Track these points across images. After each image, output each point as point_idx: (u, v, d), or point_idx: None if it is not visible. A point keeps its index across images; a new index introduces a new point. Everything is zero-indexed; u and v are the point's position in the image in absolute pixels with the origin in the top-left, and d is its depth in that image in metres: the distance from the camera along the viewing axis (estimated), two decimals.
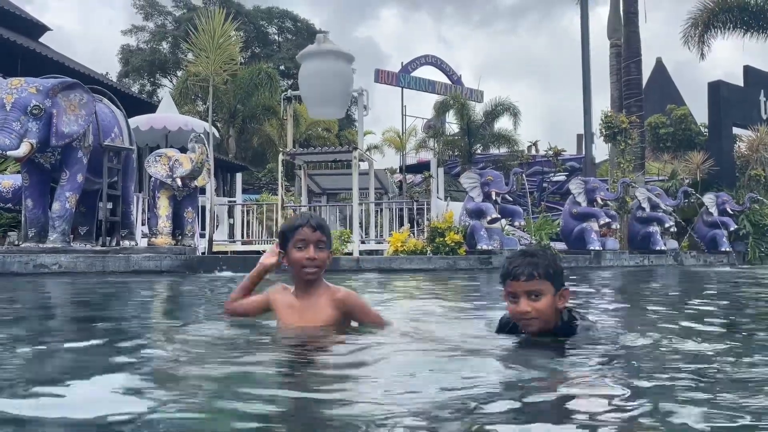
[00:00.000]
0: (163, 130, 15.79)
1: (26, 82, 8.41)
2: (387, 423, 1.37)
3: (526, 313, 2.29)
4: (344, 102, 15.20)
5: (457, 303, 5.12)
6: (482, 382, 1.78)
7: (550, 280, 2.29)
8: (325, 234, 2.52)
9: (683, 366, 2.10)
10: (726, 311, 4.31)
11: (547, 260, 2.34)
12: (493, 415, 1.44)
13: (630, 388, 1.69)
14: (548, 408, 1.54)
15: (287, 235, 2.56)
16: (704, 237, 16.49)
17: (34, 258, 8.17)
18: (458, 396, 1.61)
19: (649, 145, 25.03)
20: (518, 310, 2.31)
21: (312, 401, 1.61)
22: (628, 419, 1.43)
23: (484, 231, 12.02)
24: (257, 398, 1.61)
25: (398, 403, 1.55)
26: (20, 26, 20.44)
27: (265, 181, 29.25)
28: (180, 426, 1.39)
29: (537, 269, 2.28)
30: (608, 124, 16.51)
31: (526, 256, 2.36)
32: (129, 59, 42.78)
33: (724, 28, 22.40)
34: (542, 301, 2.28)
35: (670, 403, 1.51)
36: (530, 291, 2.28)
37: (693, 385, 1.79)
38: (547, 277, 2.29)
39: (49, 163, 8.88)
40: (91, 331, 3.10)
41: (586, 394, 1.66)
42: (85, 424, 1.38)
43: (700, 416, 1.41)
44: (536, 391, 1.69)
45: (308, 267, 2.49)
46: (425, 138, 30.50)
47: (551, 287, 2.30)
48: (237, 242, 14.44)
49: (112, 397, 1.58)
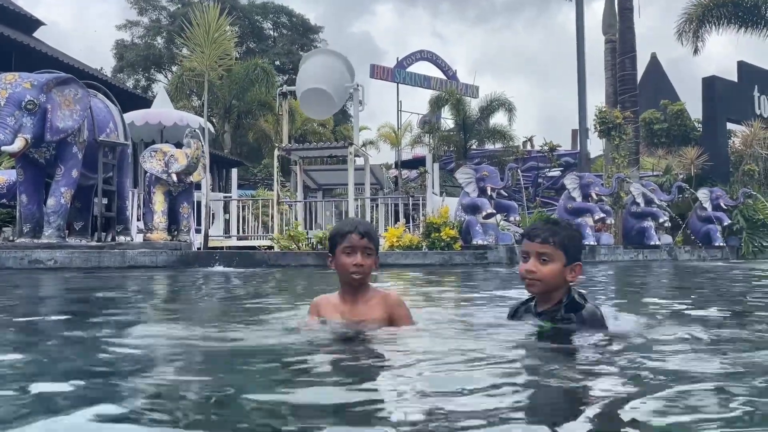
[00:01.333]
0: (158, 125, 15.76)
1: (20, 77, 8.38)
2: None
3: (530, 272, 2.40)
4: (338, 93, 15.13)
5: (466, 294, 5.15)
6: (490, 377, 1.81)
7: (563, 250, 2.39)
8: (372, 241, 2.57)
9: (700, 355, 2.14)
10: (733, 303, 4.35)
11: (567, 232, 2.45)
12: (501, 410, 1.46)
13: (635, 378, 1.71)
14: (560, 403, 1.57)
15: (336, 240, 2.61)
16: (698, 232, 16.58)
17: (29, 253, 8.17)
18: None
19: (643, 141, 25.11)
20: (525, 267, 2.43)
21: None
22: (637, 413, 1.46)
23: (480, 226, 12.06)
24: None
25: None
26: (14, 21, 20.32)
27: (261, 177, 29.21)
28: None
29: (553, 236, 2.39)
30: (602, 119, 16.56)
31: (548, 223, 2.50)
32: (123, 54, 42.60)
33: (718, 24, 22.47)
34: (549, 266, 2.38)
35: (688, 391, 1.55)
36: (541, 253, 2.39)
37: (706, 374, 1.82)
38: (560, 246, 2.38)
39: (44, 158, 8.87)
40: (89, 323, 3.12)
41: (595, 387, 1.69)
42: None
43: (717, 407, 1.43)
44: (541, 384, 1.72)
45: (355, 273, 2.54)
46: (420, 133, 30.52)
47: (563, 257, 2.39)
48: (233, 237, 14.44)
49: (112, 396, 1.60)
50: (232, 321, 3.28)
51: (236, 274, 7.86)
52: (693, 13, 22.33)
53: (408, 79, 25.98)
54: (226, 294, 5.45)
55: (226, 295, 5.39)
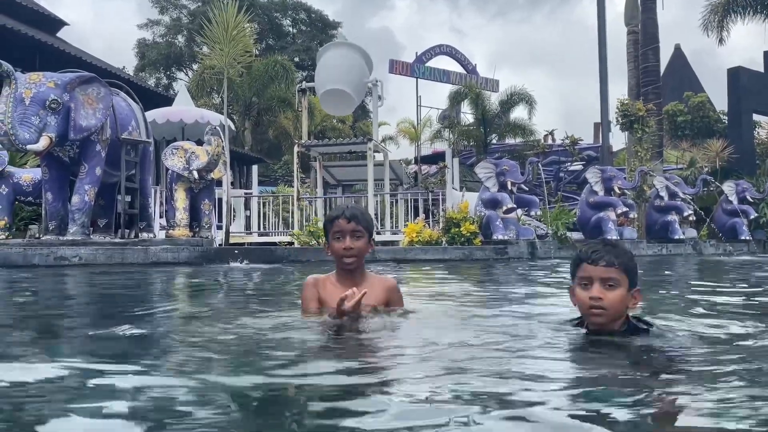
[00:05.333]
0: (179, 123, 15.90)
1: (44, 77, 8.50)
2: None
3: (597, 299, 2.12)
4: (358, 90, 15.11)
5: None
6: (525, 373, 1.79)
7: (627, 274, 2.16)
8: (360, 223, 2.62)
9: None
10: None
11: (628, 254, 2.23)
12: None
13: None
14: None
15: (327, 228, 2.72)
16: (723, 225, 16.28)
17: (54, 250, 8.30)
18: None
19: (666, 134, 24.72)
20: (590, 295, 2.14)
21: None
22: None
23: (500, 221, 11.98)
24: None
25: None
26: (38, 22, 20.66)
27: (281, 173, 29.35)
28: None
29: (618, 258, 2.16)
30: (624, 112, 16.33)
31: (607, 245, 2.24)
32: (145, 53, 43.06)
33: (744, 13, 22.02)
34: (616, 292, 2.13)
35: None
36: (606, 278, 2.13)
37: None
38: (625, 269, 2.16)
39: (68, 156, 8.99)
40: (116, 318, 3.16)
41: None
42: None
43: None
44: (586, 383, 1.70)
45: (346, 257, 2.61)
46: (440, 128, 30.38)
47: (627, 281, 2.15)
48: (254, 233, 14.53)
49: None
50: (244, 314, 3.30)
51: (257, 269, 7.91)
52: (717, 3, 21.90)
53: (427, 74, 25.86)
54: (245, 288, 5.48)
55: (244, 289, 5.42)
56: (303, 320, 2.68)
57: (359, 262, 2.65)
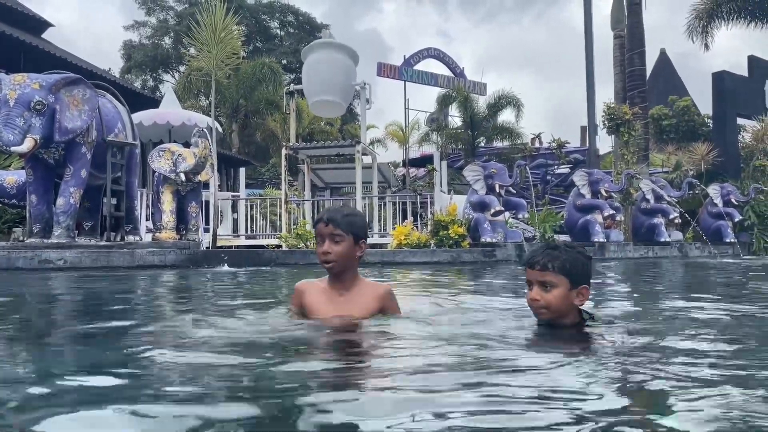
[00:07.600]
0: (166, 125, 15.81)
1: (29, 78, 8.41)
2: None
3: (534, 300, 2.39)
4: (346, 95, 15.12)
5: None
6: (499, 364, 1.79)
7: (565, 275, 2.35)
8: (340, 226, 2.55)
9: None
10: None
11: (567, 255, 2.39)
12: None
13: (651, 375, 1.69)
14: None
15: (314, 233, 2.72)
16: (709, 228, 16.44)
17: (39, 253, 8.21)
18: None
19: (652, 137, 24.95)
20: (529, 296, 2.43)
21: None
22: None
23: (488, 224, 12.01)
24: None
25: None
26: (23, 23, 20.45)
27: (269, 176, 29.30)
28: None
29: (553, 262, 2.36)
30: (611, 115, 16.45)
31: (547, 249, 2.44)
32: (131, 55, 42.82)
33: (728, 18, 22.29)
34: (553, 293, 2.36)
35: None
36: (542, 281, 2.37)
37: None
38: (562, 271, 2.35)
39: (53, 158, 8.90)
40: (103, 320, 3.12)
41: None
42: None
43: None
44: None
45: (323, 261, 2.57)
46: (428, 131, 30.46)
47: (566, 282, 2.36)
48: (241, 237, 14.47)
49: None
50: (229, 316, 3.27)
51: (244, 272, 7.86)
52: (703, 10, 22.16)
53: (415, 77, 25.91)
54: (231, 291, 5.44)
55: (230, 292, 5.38)
56: (284, 323, 2.68)
57: (341, 267, 2.56)
